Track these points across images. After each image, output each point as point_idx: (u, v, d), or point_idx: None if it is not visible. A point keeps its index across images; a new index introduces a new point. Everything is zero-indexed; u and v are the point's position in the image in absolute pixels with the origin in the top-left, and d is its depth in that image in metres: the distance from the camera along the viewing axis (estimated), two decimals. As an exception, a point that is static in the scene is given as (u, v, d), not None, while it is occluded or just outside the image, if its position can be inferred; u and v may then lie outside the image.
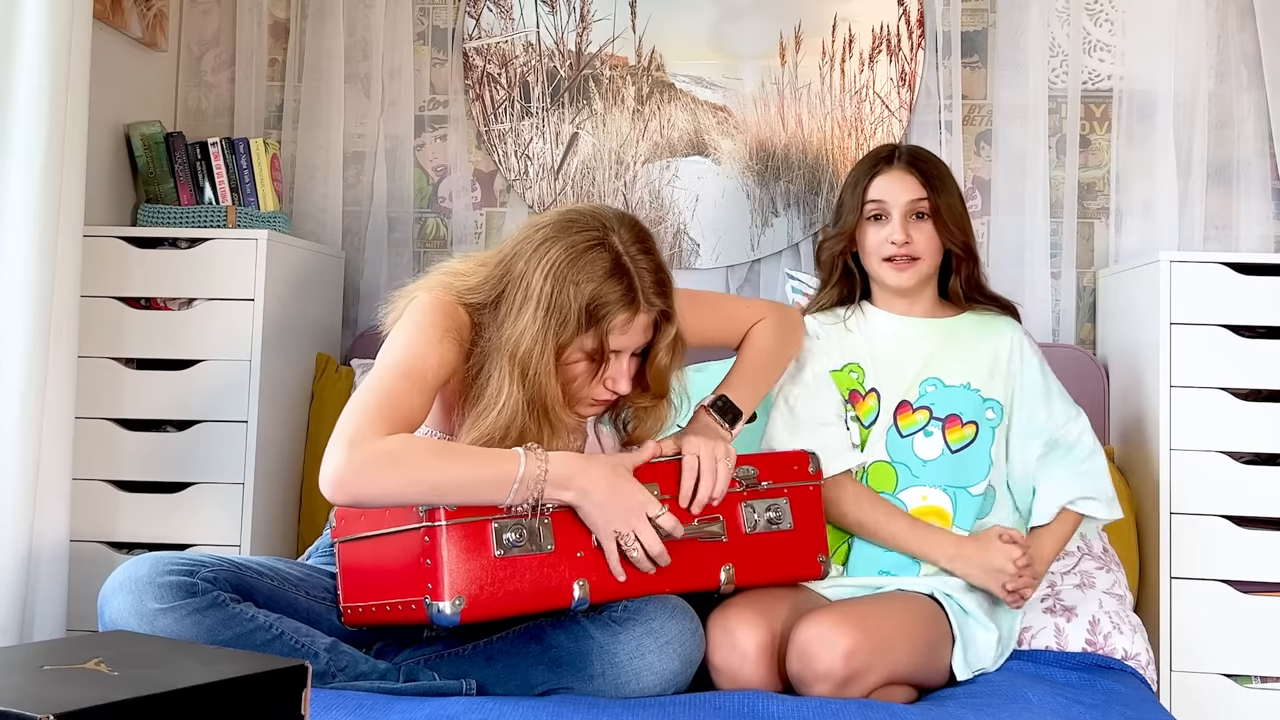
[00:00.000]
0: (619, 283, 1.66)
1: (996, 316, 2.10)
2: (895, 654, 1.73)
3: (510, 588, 1.57)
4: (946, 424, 1.99)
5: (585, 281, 1.64)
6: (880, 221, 2.04)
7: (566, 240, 1.67)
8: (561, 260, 1.66)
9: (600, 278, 1.65)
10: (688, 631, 1.66)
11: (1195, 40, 2.72)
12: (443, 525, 1.54)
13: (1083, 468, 2.01)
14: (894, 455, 1.99)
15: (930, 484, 1.97)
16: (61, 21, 2.09)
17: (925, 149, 2.14)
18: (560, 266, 1.65)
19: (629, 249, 1.68)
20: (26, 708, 0.97)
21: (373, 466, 1.51)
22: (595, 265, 1.66)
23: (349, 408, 1.59)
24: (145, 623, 1.54)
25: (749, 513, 1.77)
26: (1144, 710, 1.70)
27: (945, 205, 2.03)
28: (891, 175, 2.05)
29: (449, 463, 1.56)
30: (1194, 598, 2.28)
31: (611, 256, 1.67)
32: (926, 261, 2.04)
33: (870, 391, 2.03)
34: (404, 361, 1.64)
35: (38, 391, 2.07)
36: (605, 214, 1.72)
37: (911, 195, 2.03)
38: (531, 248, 1.69)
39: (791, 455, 1.86)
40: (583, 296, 1.64)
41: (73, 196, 2.16)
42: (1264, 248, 2.69)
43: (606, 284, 1.65)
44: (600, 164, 2.88)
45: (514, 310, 1.67)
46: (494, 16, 2.91)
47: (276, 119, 2.95)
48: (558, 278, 1.65)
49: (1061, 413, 2.05)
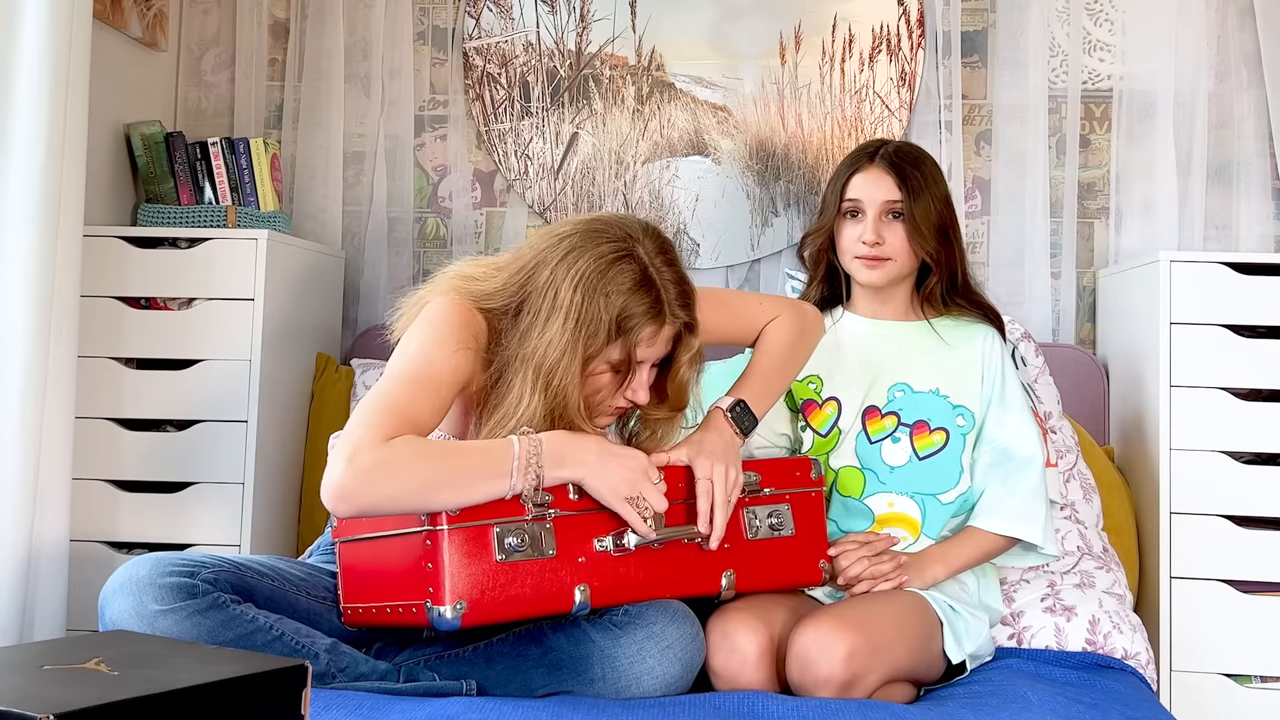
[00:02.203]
0: (647, 295, 1.64)
1: (974, 323, 2.05)
2: (893, 652, 1.73)
3: (511, 592, 1.56)
4: (915, 430, 1.98)
5: (615, 294, 1.62)
6: (856, 219, 2.03)
7: (594, 251, 1.65)
8: (590, 271, 1.63)
9: (628, 290, 1.63)
10: (688, 636, 1.65)
11: (1195, 40, 2.72)
12: (444, 529, 1.54)
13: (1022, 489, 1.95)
14: (863, 461, 1.98)
15: (897, 490, 1.96)
16: (61, 21, 2.09)
17: (916, 147, 2.10)
18: (590, 277, 1.63)
19: (654, 260, 1.67)
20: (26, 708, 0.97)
21: (372, 474, 1.49)
22: (623, 277, 1.64)
23: (353, 416, 1.57)
24: (146, 624, 1.53)
25: (751, 519, 1.77)
26: (1144, 710, 1.70)
27: (920, 210, 1.98)
28: (869, 174, 2.02)
29: (446, 459, 1.54)
30: (1194, 598, 2.28)
31: (639, 268, 1.65)
32: (899, 262, 2.02)
33: (829, 400, 2.02)
34: (413, 368, 1.61)
35: (38, 391, 2.07)
36: (629, 224, 1.70)
37: (886, 196, 2.00)
38: (557, 257, 1.66)
39: (794, 461, 1.86)
40: (613, 309, 1.62)
41: (73, 196, 2.16)
42: (1264, 248, 2.69)
43: (634, 296, 1.63)
44: (600, 164, 2.88)
45: (540, 320, 1.64)
46: (494, 16, 2.91)
47: (276, 119, 2.95)
48: (587, 289, 1.63)
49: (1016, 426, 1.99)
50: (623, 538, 1.64)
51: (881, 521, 1.95)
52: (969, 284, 2.08)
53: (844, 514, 1.96)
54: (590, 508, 1.64)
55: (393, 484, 1.50)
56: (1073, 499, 2.30)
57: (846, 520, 1.96)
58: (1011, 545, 1.97)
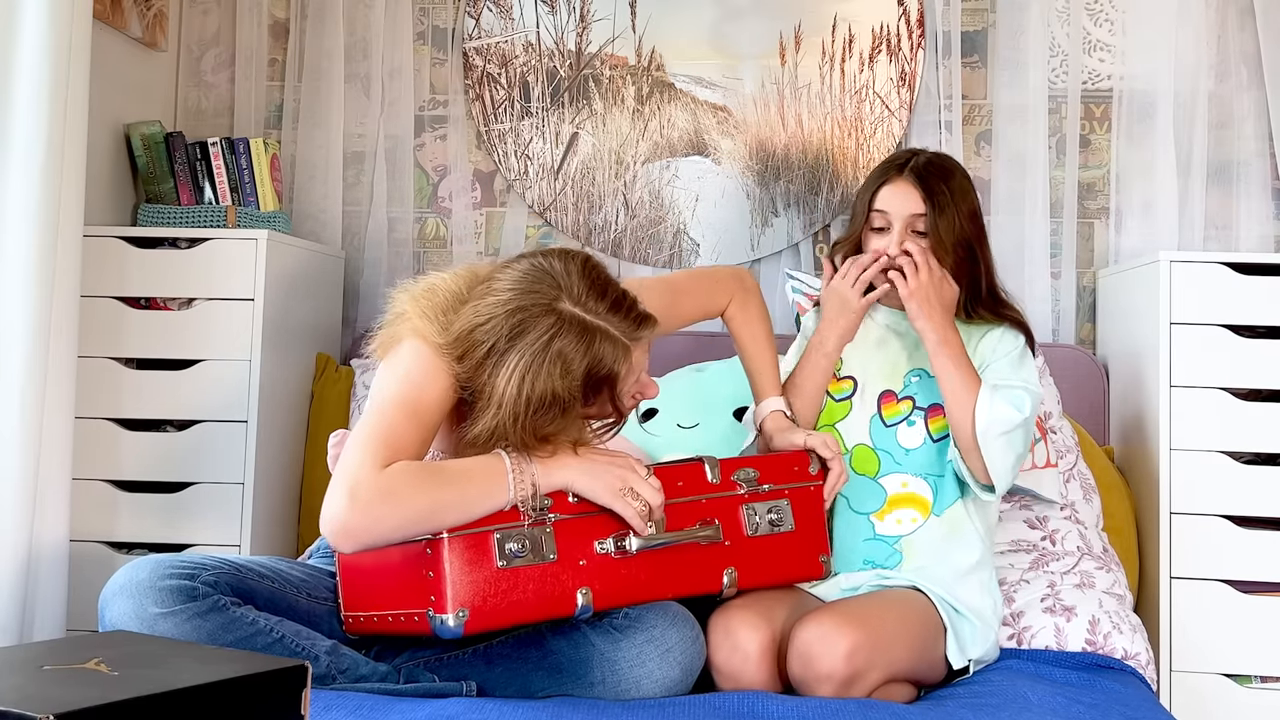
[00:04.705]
0: (600, 345, 1.59)
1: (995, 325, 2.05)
2: (895, 651, 1.74)
3: (513, 598, 1.56)
4: (929, 414, 2.00)
5: (574, 362, 1.57)
6: (882, 233, 2.03)
7: (522, 343, 1.57)
8: (538, 350, 1.57)
9: (580, 355, 1.58)
10: (688, 639, 1.65)
11: (1195, 40, 2.72)
12: (445, 537, 1.54)
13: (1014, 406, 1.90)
14: (877, 443, 2.01)
15: (912, 471, 1.98)
16: (61, 21, 2.09)
17: (947, 159, 2.08)
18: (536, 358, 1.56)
19: (586, 304, 1.60)
20: (26, 708, 0.97)
21: (375, 507, 1.50)
22: (575, 348, 1.57)
23: (347, 448, 1.57)
24: (146, 627, 1.53)
25: (750, 515, 1.77)
26: (1144, 710, 1.70)
27: (945, 225, 1.98)
28: (896, 186, 2.02)
29: (446, 484, 1.54)
30: (1194, 598, 2.28)
31: (581, 328, 1.58)
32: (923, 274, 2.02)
33: (846, 378, 2.06)
34: (401, 393, 1.61)
35: (38, 391, 2.07)
36: (556, 275, 1.61)
37: (912, 210, 2.00)
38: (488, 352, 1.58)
39: (791, 456, 1.86)
40: (575, 380, 1.57)
41: (73, 196, 2.16)
42: (1264, 248, 2.69)
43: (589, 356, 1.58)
44: (600, 164, 2.88)
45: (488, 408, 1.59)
46: (494, 16, 2.91)
47: (276, 119, 2.95)
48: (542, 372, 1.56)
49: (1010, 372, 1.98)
50: (623, 539, 1.64)
51: (893, 501, 1.97)
52: (996, 295, 2.07)
53: (855, 491, 1.98)
54: (590, 510, 1.63)
55: (397, 515, 1.51)
56: (1073, 499, 2.30)
57: (857, 498, 1.98)
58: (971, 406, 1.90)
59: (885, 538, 1.95)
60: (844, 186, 2.82)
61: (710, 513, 1.73)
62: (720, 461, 1.78)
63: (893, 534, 1.95)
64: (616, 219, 2.88)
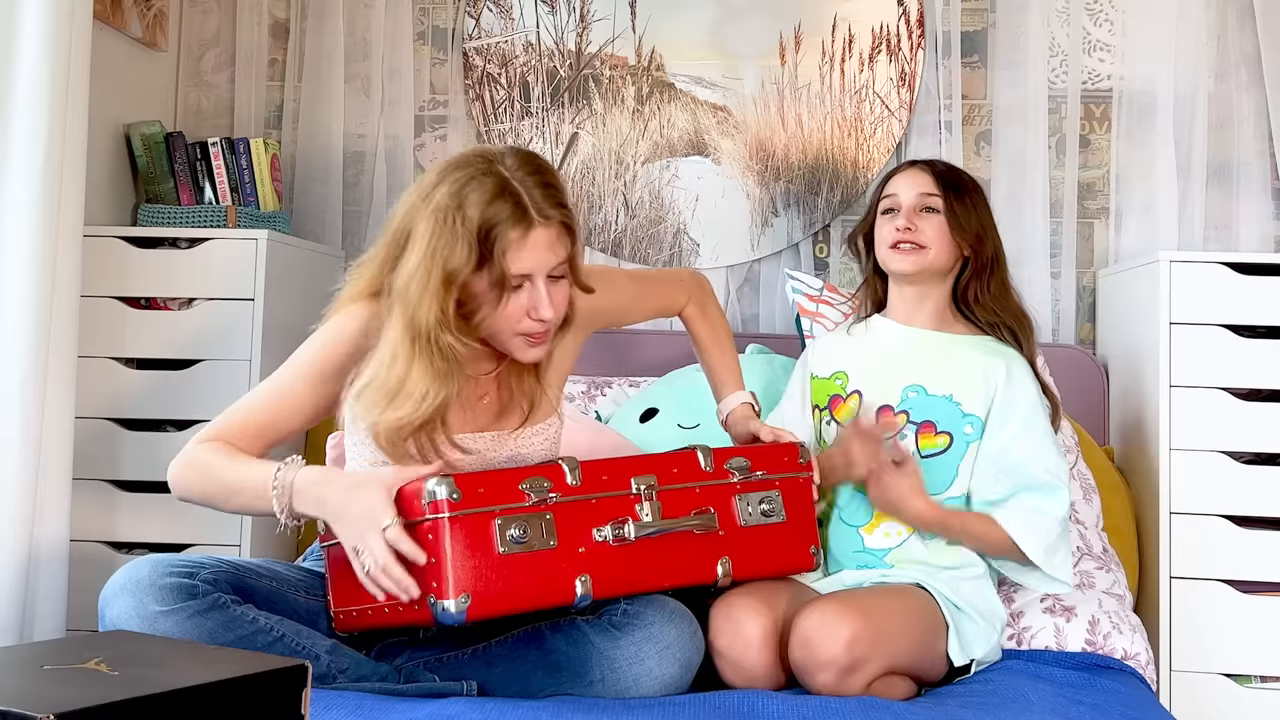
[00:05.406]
0: (505, 201, 1.58)
1: (1001, 344, 2.04)
2: (896, 642, 1.74)
3: (514, 585, 1.56)
4: (921, 430, 1.98)
5: (471, 208, 1.57)
6: (892, 215, 2.06)
7: (449, 179, 1.60)
8: (444, 197, 1.58)
9: (486, 202, 1.57)
10: (686, 636, 1.65)
11: (1195, 40, 2.72)
12: (445, 517, 1.52)
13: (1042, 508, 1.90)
14: None
15: None
16: (61, 21, 2.09)
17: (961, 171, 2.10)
18: (444, 203, 1.59)
19: (515, 173, 1.60)
20: (26, 708, 0.97)
21: (174, 477, 1.70)
22: (479, 193, 1.58)
23: None
24: (147, 625, 1.54)
25: (743, 505, 1.77)
26: (1144, 710, 1.70)
27: (961, 207, 2.02)
28: (908, 173, 2.08)
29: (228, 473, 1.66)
30: (1194, 598, 2.28)
31: (497, 180, 1.59)
32: (932, 251, 2.01)
33: (852, 393, 2.05)
34: (271, 380, 1.73)
35: (38, 391, 2.07)
36: (491, 150, 1.65)
37: (921, 189, 2.04)
38: (420, 198, 1.62)
39: (781, 447, 1.86)
40: (471, 225, 1.57)
41: (73, 196, 2.16)
42: (1264, 248, 2.69)
43: (492, 206, 1.58)
44: (600, 164, 2.88)
45: (405, 258, 1.61)
46: (494, 16, 2.91)
47: (276, 119, 2.95)
48: (442, 216, 1.58)
49: (1049, 461, 1.93)
50: (621, 527, 1.64)
51: (879, 515, 1.95)
52: (1006, 288, 2.06)
53: (847, 503, 1.98)
54: (590, 493, 1.64)
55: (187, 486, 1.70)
56: (1073, 499, 2.29)
57: (849, 510, 1.98)
58: (1007, 546, 1.92)
59: (874, 550, 1.95)
60: (844, 186, 2.82)
61: (705, 501, 1.73)
62: (713, 450, 1.78)
63: (881, 547, 1.95)
64: (616, 219, 2.88)
